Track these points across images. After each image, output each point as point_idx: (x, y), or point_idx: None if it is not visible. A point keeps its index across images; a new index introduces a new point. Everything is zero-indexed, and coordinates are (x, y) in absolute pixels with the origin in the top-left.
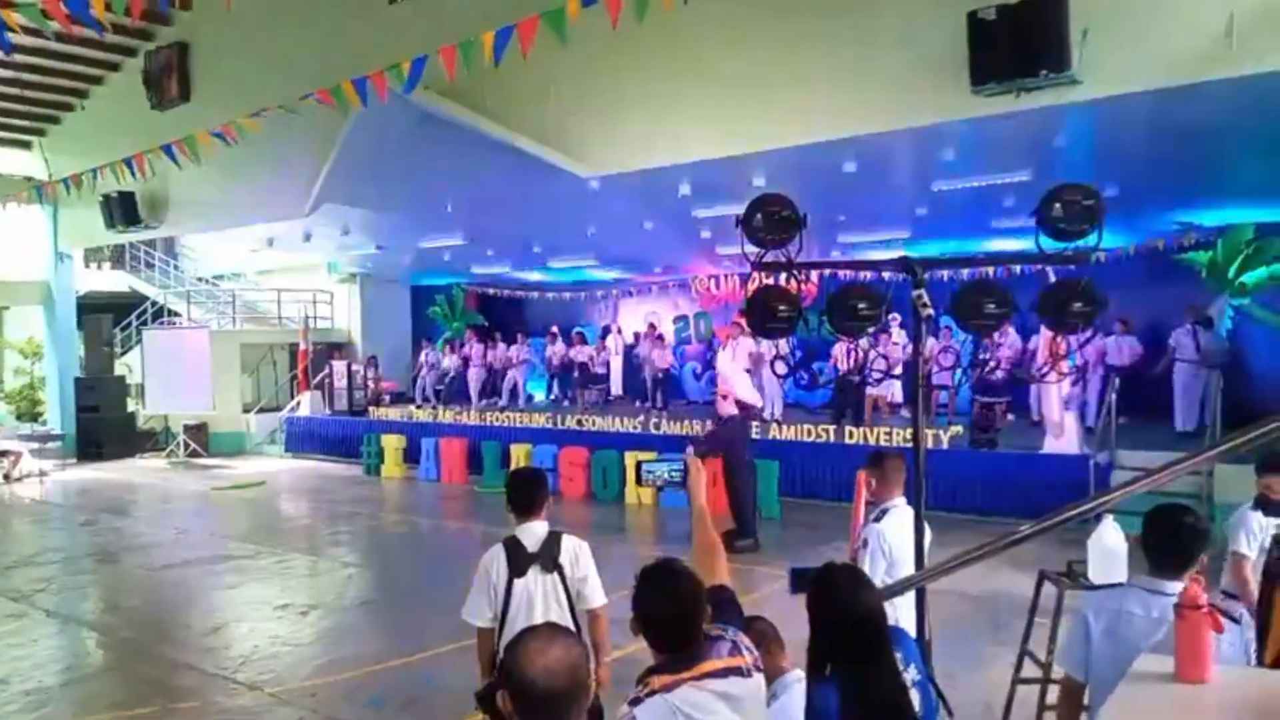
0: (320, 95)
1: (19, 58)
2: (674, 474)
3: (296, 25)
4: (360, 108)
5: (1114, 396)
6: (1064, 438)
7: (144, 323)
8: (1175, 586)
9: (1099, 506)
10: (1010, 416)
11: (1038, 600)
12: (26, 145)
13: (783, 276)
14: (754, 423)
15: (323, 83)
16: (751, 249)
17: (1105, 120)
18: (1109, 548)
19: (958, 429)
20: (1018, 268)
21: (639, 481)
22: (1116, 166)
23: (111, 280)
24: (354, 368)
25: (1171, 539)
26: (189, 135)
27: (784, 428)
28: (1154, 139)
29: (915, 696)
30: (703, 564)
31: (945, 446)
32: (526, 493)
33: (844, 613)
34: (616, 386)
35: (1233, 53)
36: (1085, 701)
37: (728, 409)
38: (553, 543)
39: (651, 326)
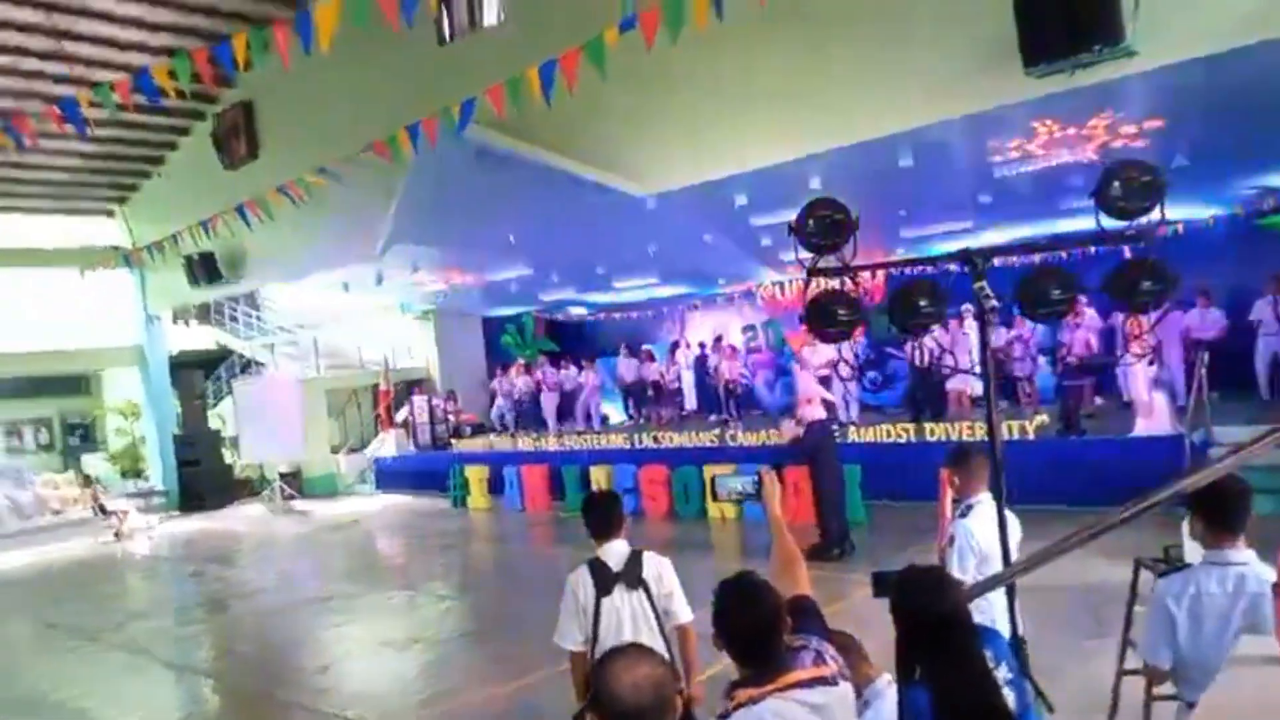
0: (376, 146)
1: (100, 131)
2: (748, 486)
3: (353, 75)
4: (413, 154)
5: (1204, 372)
6: (1154, 418)
7: (233, 375)
8: (1239, 554)
9: (1186, 486)
10: (1098, 399)
11: (1135, 589)
12: (110, 214)
13: (841, 279)
14: (834, 427)
15: (381, 130)
16: (806, 254)
17: (1166, 90)
18: None
19: (1043, 418)
20: (1093, 248)
21: (714, 497)
22: (1183, 136)
23: (199, 337)
24: (434, 402)
25: (1220, 505)
26: (259, 195)
27: (862, 430)
28: (1217, 105)
29: (1009, 695)
30: (783, 575)
31: (1031, 437)
32: (603, 514)
33: (927, 613)
34: (690, 401)
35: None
36: (1172, 690)
37: (813, 413)
38: (635, 561)
39: (719, 339)
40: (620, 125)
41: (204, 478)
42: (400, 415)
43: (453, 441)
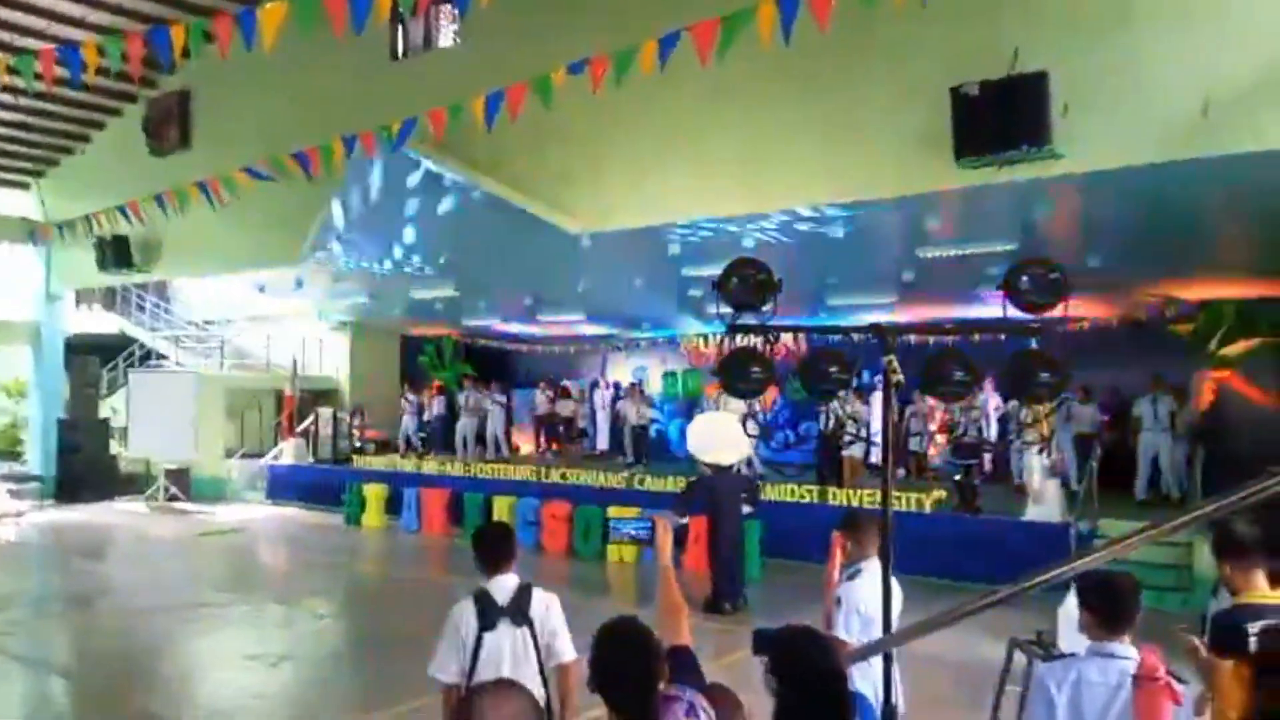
0: (309, 153)
1: (23, 101)
2: (641, 531)
3: (297, 79)
4: (344, 166)
5: (1094, 465)
6: (1044, 504)
7: (131, 365)
8: (1123, 649)
9: (1067, 573)
10: (987, 470)
11: (1008, 669)
12: (24, 186)
13: (760, 338)
14: (755, 482)
15: (318, 137)
16: (728, 310)
17: (1087, 193)
18: (1077, 616)
19: (940, 493)
20: (1002, 336)
21: (605, 539)
22: (1100, 237)
23: (102, 322)
24: (339, 415)
25: (1110, 600)
26: (179, 188)
27: (766, 488)
28: (1135, 213)
29: None
30: (665, 624)
31: (928, 510)
32: (493, 547)
33: (802, 675)
34: (602, 441)
35: (1208, 133)
36: None
37: (701, 468)
38: (523, 596)
39: (633, 384)
40: (563, 160)
41: (86, 468)
42: (302, 425)
43: (354, 457)
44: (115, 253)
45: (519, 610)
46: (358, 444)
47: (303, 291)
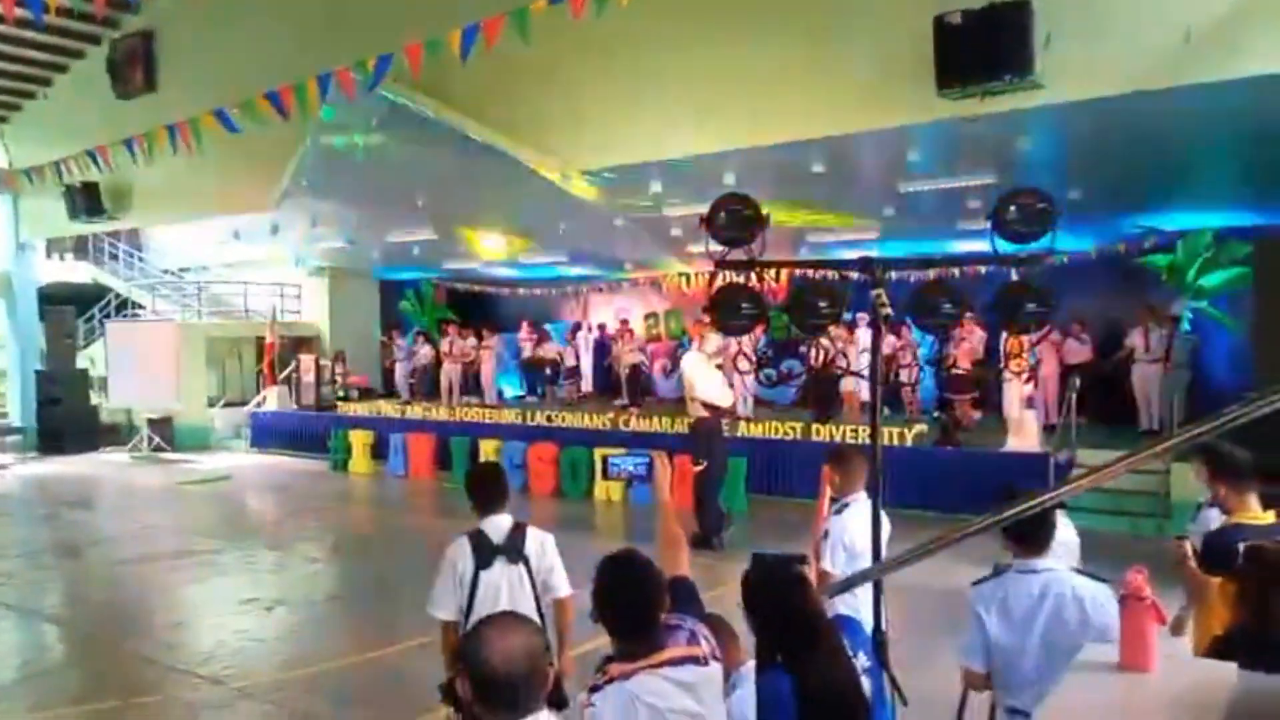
0: (282, 93)
1: None
2: (639, 468)
3: (265, 17)
4: (320, 107)
5: (1073, 396)
6: (1023, 435)
7: (107, 315)
8: (1044, 563)
9: (1048, 501)
10: (977, 414)
11: None
12: None
13: (747, 274)
14: (725, 420)
15: (289, 76)
16: (716, 247)
17: (1068, 124)
18: (1061, 541)
19: (922, 427)
20: (984, 269)
21: (605, 476)
22: (1080, 170)
23: (74, 272)
24: (322, 362)
25: (1029, 529)
26: (149, 132)
27: (752, 425)
28: (1116, 144)
29: (865, 683)
30: (665, 556)
31: (909, 444)
32: (487, 486)
33: (779, 602)
34: (587, 383)
35: (1190, 61)
36: (991, 686)
37: (696, 410)
38: (518, 534)
39: (623, 323)
40: (542, 99)
41: (66, 419)
42: (285, 373)
43: (338, 404)
44: (85, 200)
45: (514, 548)
46: (341, 390)
47: (278, 237)
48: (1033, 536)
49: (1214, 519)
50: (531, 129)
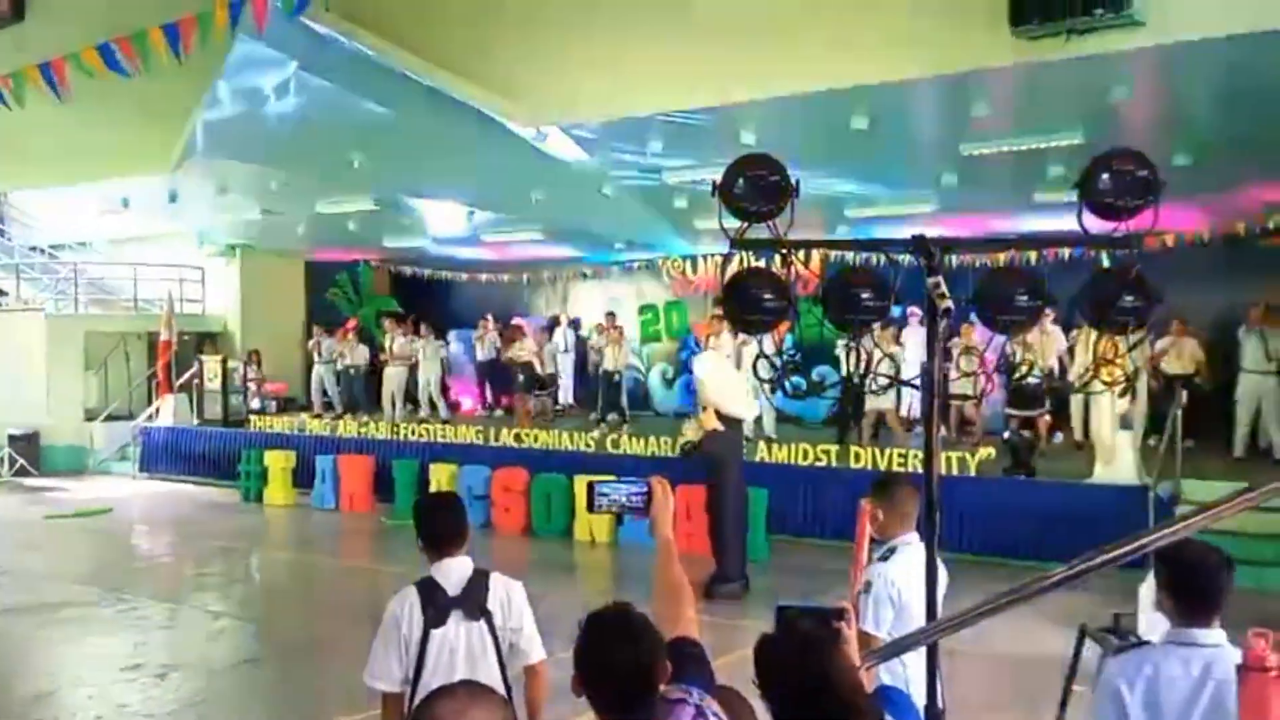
0: (181, 25)
1: None
2: (634, 499)
3: None
4: (226, 38)
5: (1178, 413)
6: (1116, 463)
7: None
8: (1210, 635)
9: (1147, 546)
10: (1058, 436)
11: (1077, 662)
12: None
13: (771, 257)
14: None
15: (193, 2)
16: (731, 223)
17: (1174, 72)
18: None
19: (989, 451)
20: (1065, 253)
21: (591, 508)
22: (1188, 131)
23: None
24: (231, 365)
25: (1197, 580)
26: (16, 71)
27: (775, 448)
28: (1234, 98)
29: None
30: (665, 610)
31: (973, 473)
32: (442, 523)
33: (804, 673)
34: (566, 393)
35: None
36: None
37: (710, 421)
38: (478, 584)
39: (610, 316)
40: (512, 36)
41: None
42: (184, 378)
43: (251, 417)
44: None
45: (473, 601)
46: (255, 401)
47: (177, 207)
48: (1196, 593)
49: None
50: (496, 70)
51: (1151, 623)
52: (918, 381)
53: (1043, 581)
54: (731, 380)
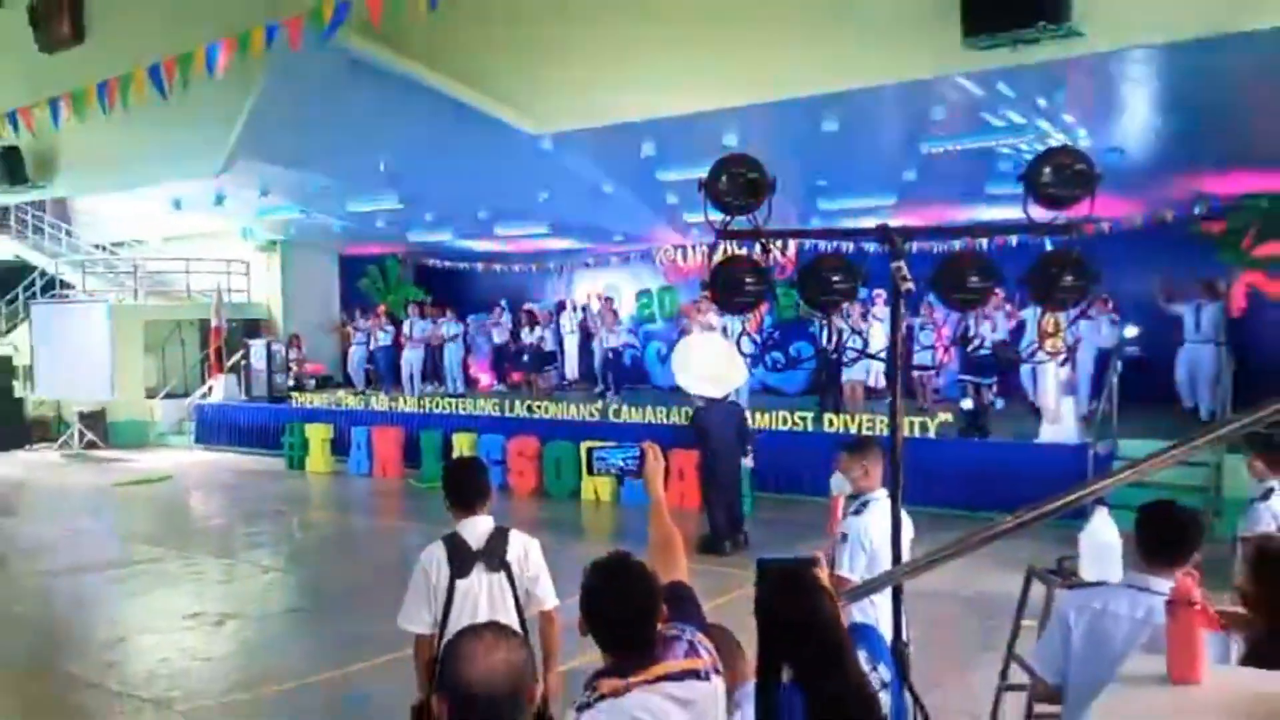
0: (224, 46)
1: None
2: (629, 461)
3: None
4: (263, 56)
5: (1115, 379)
6: (1060, 425)
7: (33, 296)
8: (1166, 584)
9: (1085, 497)
10: (1000, 402)
11: (1025, 600)
12: None
13: (752, 246)
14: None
15: (233, 26)
16: (716, 215)
17: (1109, 77)
18: (1102, 543)
19: (946, 416)
20: (1013, 239)
21: (590, 470)
22: (1123, 129)
23: None
24: (274, 348)
25: (1166, 532)
26: (78, 90)
27: (756, 416)
28: (1163, 99)
29: (884, 699)
30: (659, 559)
31: (933, 435)
32: (466, 483)
33: (797, 611)
34: (571, 369)
35: (1247, 4)
36: (1058, 708)
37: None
38: (499, 539)
39: (608, 300)
40: (518, 51)
41: None
42: (233, 360)
43: (293, 394)
44: (6, 167)
45: (494, 554)
46: (295, 379)
47: (224, 207)
48: (1163, 546)
49: (1268, 517)
50: (509, 83)
51: (1092, 566)
52: (884, 355)
53: (995, 529)
54: (705, 362)
